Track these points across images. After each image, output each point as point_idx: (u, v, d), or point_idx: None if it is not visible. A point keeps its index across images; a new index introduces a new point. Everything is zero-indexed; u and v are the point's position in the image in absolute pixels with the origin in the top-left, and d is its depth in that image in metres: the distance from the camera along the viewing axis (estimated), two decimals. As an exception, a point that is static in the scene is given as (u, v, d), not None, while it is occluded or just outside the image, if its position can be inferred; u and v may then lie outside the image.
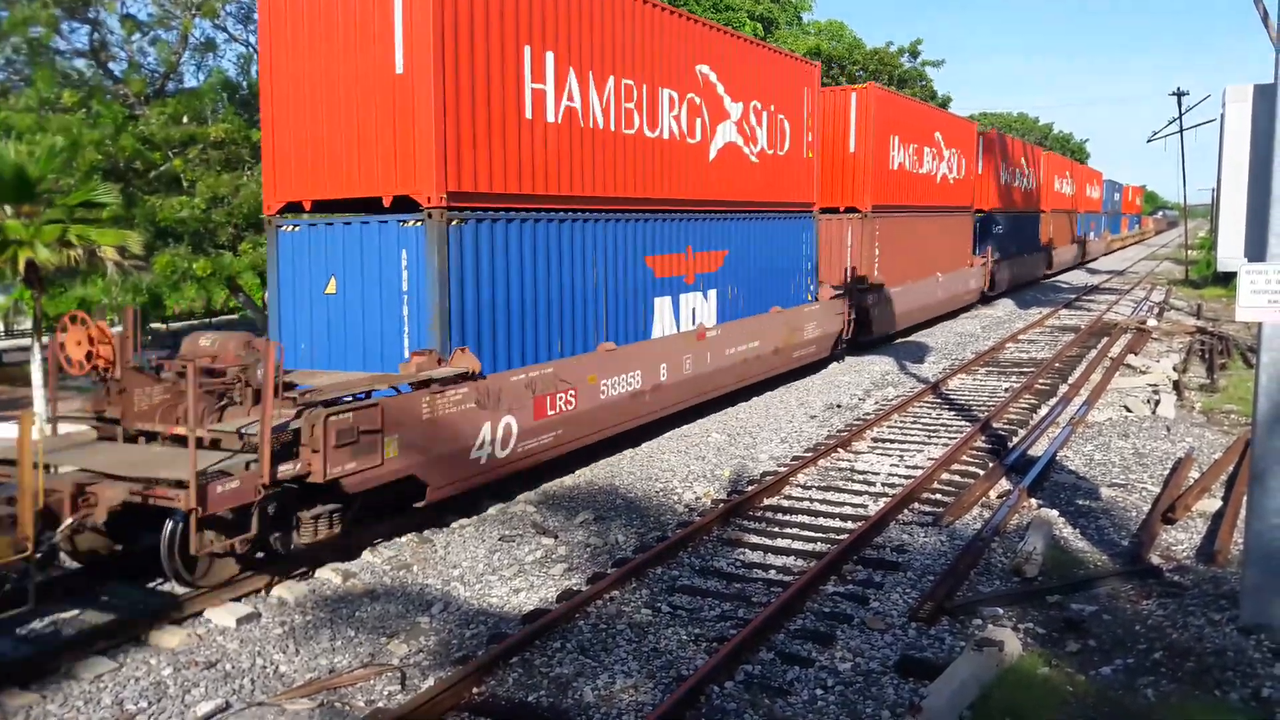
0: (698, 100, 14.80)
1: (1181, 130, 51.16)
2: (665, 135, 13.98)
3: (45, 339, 14.07)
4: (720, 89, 15.42)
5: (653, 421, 13.77)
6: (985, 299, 34.46)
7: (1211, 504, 10.26)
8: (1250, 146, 7.12)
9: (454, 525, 10.27)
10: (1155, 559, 8.86)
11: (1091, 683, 6.61)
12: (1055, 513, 10.23)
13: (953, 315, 30.39)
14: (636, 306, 13.44)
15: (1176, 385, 17.37)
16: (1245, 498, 7.76)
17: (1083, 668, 6.83)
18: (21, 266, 14.11)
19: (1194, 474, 11.40)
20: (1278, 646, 6.92)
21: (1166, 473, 11.56)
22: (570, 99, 11.78)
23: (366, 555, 9.30)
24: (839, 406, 16.27)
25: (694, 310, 14.87)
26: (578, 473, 12.25)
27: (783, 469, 12.20)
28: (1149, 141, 54.41)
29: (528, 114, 11.10)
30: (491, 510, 10.77)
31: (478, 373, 10.13)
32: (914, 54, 53.16)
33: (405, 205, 10.20)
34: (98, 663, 6.97)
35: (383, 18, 10.02)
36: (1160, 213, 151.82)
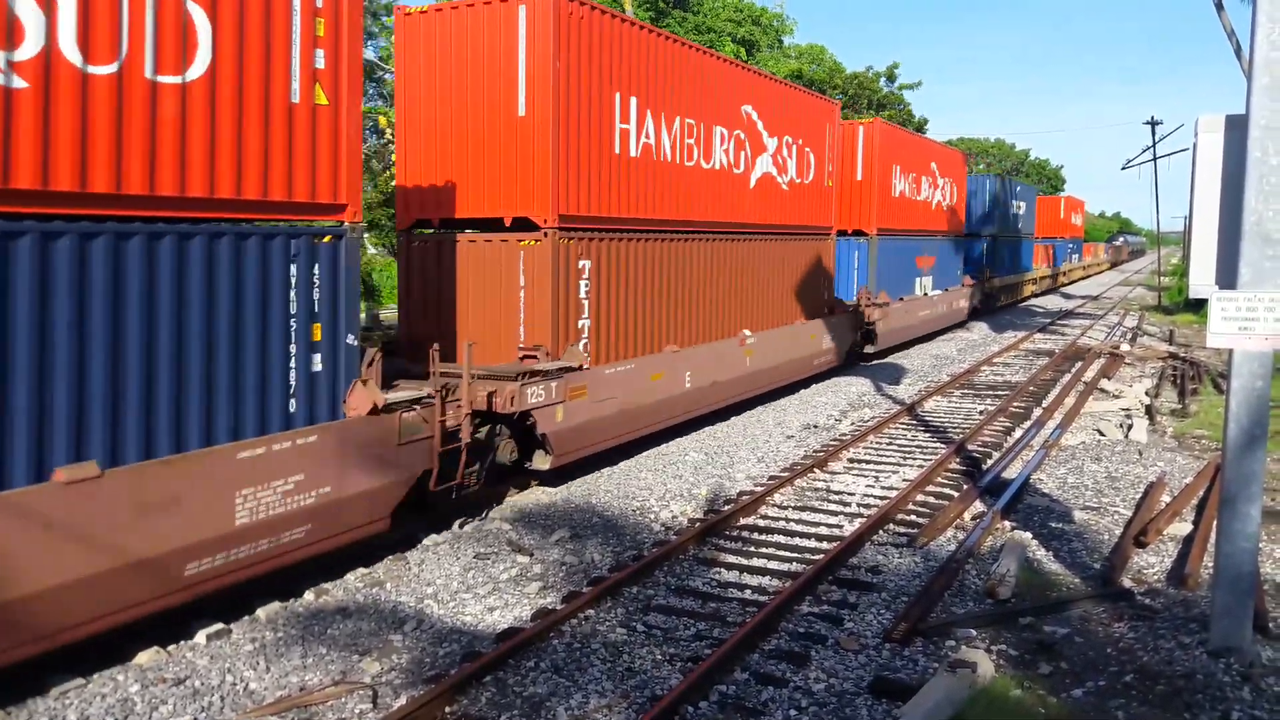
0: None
1: (1155, 158, 51.95)
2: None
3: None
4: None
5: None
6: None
7: (1182, 528, 10.35)
8: (1222, 175, 7.24)
9: (428, 543, 10.21)
10: (1127, 582, 8.93)
11: (1063, 705, 6.64)
12: (1028, 535, 10.29)
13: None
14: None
15: (1149, 410, 17.55)
16: (1215, 522, 7.84)
17: (1055, 690, 6.86)
18: None
19: (1165, 498, 11.51)
20: (1246, 670, 6.98)
21: (1138, 496, 11.66)
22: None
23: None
24: (816, 427, 16.33)
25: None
26: (554, 490, 12.22)
27: (759, 489, 12.22)
28: (1124, 169, 55.25)
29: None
30: (467, 528, 10.72)
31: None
32: (891, 78, 53.76)
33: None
34: (64, 679, 6.87)
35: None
36: (1122, 238, 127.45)
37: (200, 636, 7.69)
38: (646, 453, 14.23)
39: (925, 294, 28.56)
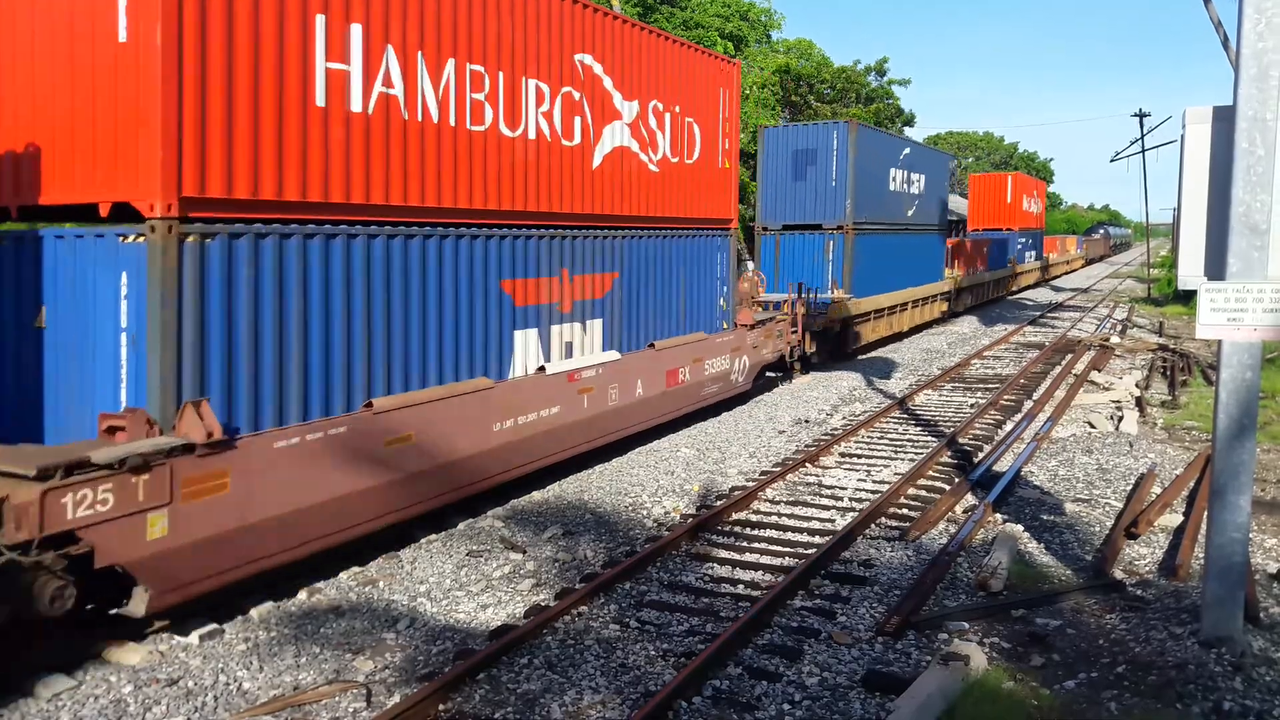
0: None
1: (1144, 150, 52.08)
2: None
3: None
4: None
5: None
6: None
7: (1173, 519, 10.40)
8: (1209, 167, 7.26)
9: (421, 540, 10.20)
10: (1118, 573, 8.97)
11: (1056, 696, 6.67)
12: (1020, 528, 10.33)
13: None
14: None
15: (1139, 402, 17.61)
16: (1206, 513, 7.88)
17: (1047, 681, 6.88)
18: None
19: (1156, 489, 11.55)
20: (1238, 660, 7.01)
21: (1129, 488, 11.70)
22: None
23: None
24: (807, 422, 16.34)
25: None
26: (546, 488, 12.21)
27: (751, 484, 12.23)
28: (1112, 161, 55.35)
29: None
30: (460, 525, 10.71)
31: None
32: (881, 72, 53.73)
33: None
34: (56, 680, 6.85)
35: None
36: (1102, 230, 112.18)
37: (193, 636, 7.67)
38: (638, 449, 14.23)
39: (543, 370, 11.55)
